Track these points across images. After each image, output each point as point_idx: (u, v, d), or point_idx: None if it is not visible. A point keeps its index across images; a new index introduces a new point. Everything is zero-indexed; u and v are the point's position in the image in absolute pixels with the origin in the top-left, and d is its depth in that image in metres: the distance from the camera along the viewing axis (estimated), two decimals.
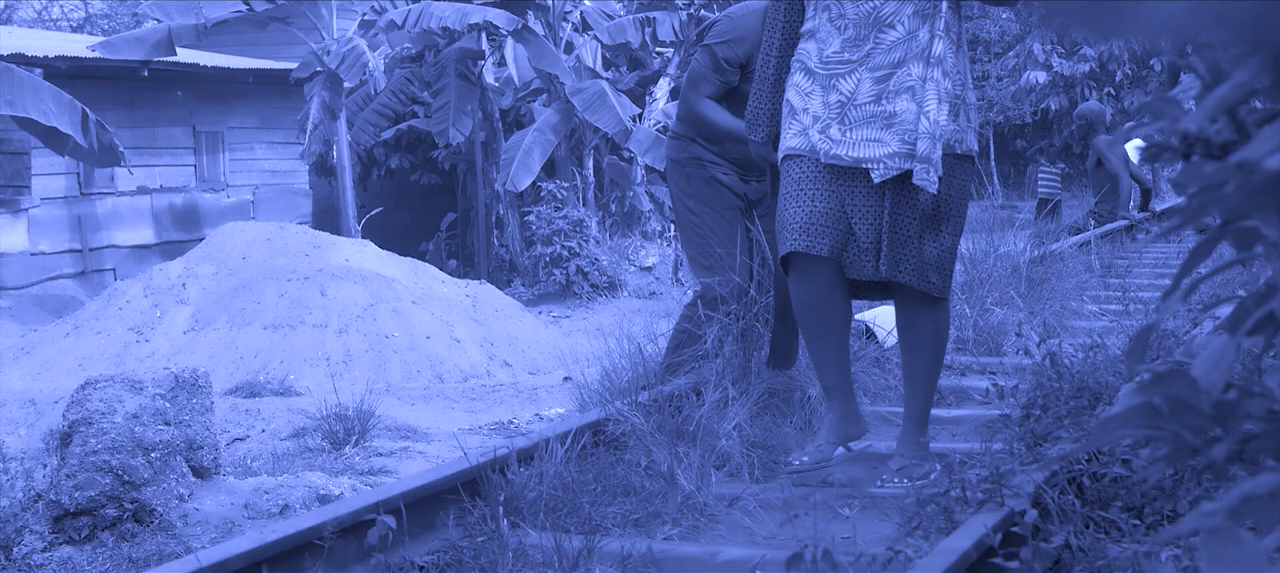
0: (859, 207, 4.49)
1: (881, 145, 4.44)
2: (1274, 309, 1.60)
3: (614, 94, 18.10)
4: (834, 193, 4.49)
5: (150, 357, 12.36)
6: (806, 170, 4.53)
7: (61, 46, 18.18)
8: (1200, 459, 1.67)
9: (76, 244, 17.80)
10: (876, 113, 4.45)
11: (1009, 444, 4.31)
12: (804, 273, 4.56)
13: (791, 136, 4.60)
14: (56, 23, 29.16)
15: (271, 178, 20.78)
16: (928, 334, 4.67)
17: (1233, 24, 1.23)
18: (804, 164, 4.54)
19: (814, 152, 4.51)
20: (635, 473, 4.47)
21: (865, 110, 4.46)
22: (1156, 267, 10.72)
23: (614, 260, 18.78)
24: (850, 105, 4.47)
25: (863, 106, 4.46)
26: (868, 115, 4.46)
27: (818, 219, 4.47)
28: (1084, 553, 3.52)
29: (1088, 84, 26.54)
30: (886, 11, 4.46)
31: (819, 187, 4.49)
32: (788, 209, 4.54)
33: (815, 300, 4.57)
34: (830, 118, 4.50)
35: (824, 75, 4.53)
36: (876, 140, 4.44)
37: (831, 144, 4.48)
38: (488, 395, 11.30)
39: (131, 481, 6.07)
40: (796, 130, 4.58)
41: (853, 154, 4.45)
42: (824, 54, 4.53)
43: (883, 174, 4.43)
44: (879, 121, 4.45)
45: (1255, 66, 1.32)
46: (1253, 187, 1.35)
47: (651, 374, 5.31)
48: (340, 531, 3.70)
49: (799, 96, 4.60)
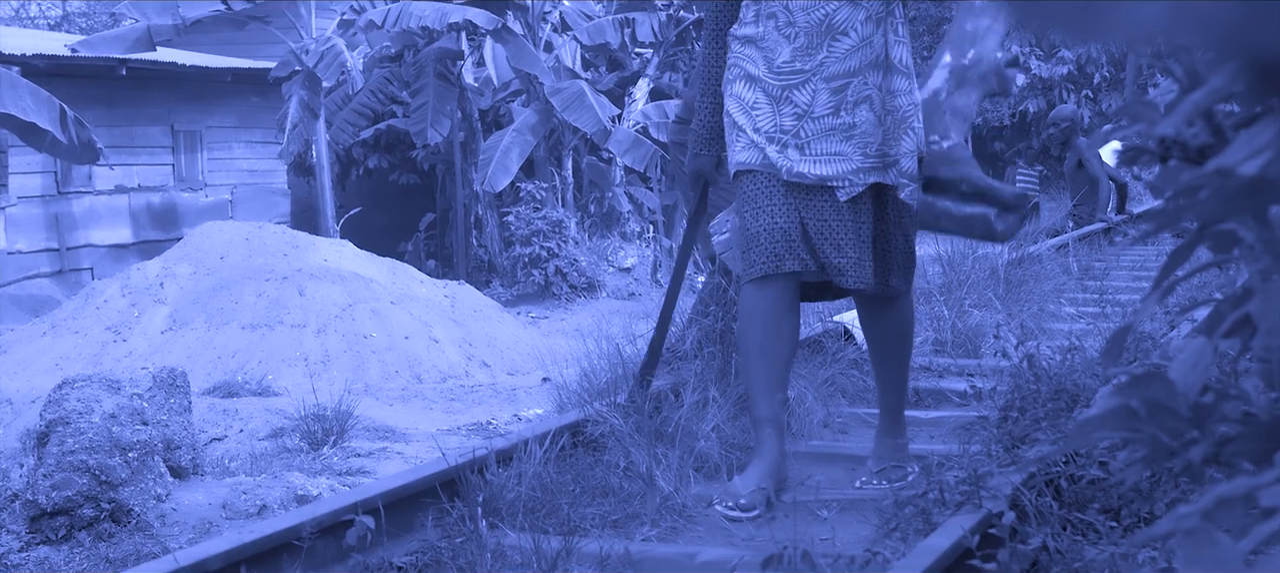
0: (817, 219, 4.34)
1: (844, 160, 4.31)
2: (1250, 312, 1.61)
3: (593, 94, 18.11)
4: (793, 207, 4.34)
5: (128, 356, 12.32)
6: (761, 185, 4.37)
7: (39, 44, 18.12)
8: (1177, 461, 1.68)
9: (54, 243, 17.73)
10: (835, 125, 4.31)
11: (987, 446, 4.32)
12: (762, 291, 4.38)
13: (740, 150, 4.42)
14: (34, 21, 29.05)
15: (250, 177, 20.73)
16: (894, 329, 4.60)
17: (1212, 27, 1.24)
18: (758, 179, 4.37)
19: (771, 166, 4.35)
20: (614, 474, 4.47)
21: (824, 123, 4.32)
22: (1134, 269, 10.76)
23: (593, 261, 18.78)
24: (807, 118, 4.33)
25: (821, 119, 4.32)
26: (826, 128, 4.32)
27: (779, 236, 4.32)
28: (1061, 555, 3.53)
29: (1066, 87, 26.62)
30: (839, 19, 4.31)
31: (776, 201, 4.34)
32: (748, 225, 4.38)
33: (769, 320, 4.37)
34: (785, 133, 4.34)
35: (775, 86, 4.36)
36: (838, 154, 4.31)
37: (791, 162, 4.32)
38: (466, 396, 11.29)
39: (109, 481, 6.06)
40: (744, 143, 4.41)
41: (816, 172, 4.31)
42: (774, 64, 4.36)
43: (849, 192, 4.31)
44: (839, 134, 4.31)
45: (1232, 71, 1.32)
46: (1229, 191, 1.36)
47: (632, 375, 5.29)
48: (319, 531, 3.69)
49: (742, 110, 4.42)
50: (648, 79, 20.04)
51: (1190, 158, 1.59)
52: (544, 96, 18.33)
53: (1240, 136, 1.32)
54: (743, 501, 4.25)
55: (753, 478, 4.31)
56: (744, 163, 4.41)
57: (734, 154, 4.45)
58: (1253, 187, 1.32)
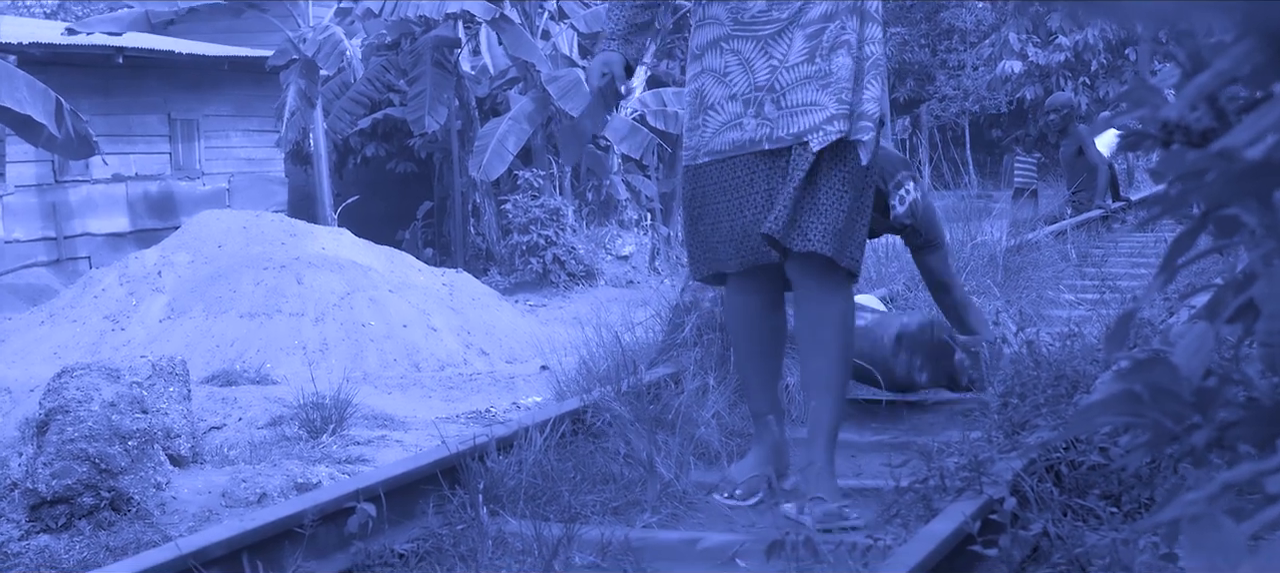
0: (780, 183, 4.07)
1: (819, 110, 4.02)
2: (1253, 297, 1.61)
3: None
4: (768, 186, 4.08)
5: (126, 345, 12.32)
6: (741, 173, 4.11)
7: (35, 33, 18.08)
8: (1179, 446, 1.68)
9: (51, 232, 17.72)
10: (810, 73, 4.03)
11: (987, 432, 4.32)
12: (742, 287, 4.25)
13: (711, 134, 4.15)
14: (29, 9, 29.00)
15: (247, 166, 20.72)
16: (818, 313, 4.17)
17: (1226, 7, 1.24)
18: (735, 166, 4.12)
19: (753, 144, 4.08)
20: (614, 461, 4.47)
21: (798, 71, 4.04)
22: (1133, 256, 10.76)
23: (590, 249, 18.78)
24: (781, 69, 4.06)
25: (795, 67, 4.04)
26: (802, 77, 4.04)
27: (752, 229, 4.10)
28: (1062, 540, 3.54)
29: (1063, 74, 26.62)
30: None
31: (758, 187, 4.09)
32: (723, 222, 4.15)
33: (755, 315, 4.27)
34: (760, 90, 4.07)
35: (750, 40, 4.08)
36: (813, 104, 4.03)
37: (769, 126, 4.06)
38: (465, 384, 11.30)
39: (108, 469, 6.06)
40: (717, 125, 4.14)
41: (792, 130, 4.03)
42: (745, 14, 4.08)
43: (822, 141, 4.01)
44: (815, 83, 4.03)
45: (1245, 50, 1.32)
46: (1233, 175, 1.36)
47: (631, 362, 5.27)
48: (320, 518, 3.69)
49: (716, 81, 4.14)
50: (645, 67, 20.02)
51: (1193, 142, 1.59)
52: (541, 84, 18.32)
53: (1246, 119, 1.32)
54: (739, 490, 4.24)
55: (751, 465, 4.31)
56: (719, 150, 4.14)
57: (706, 140, 4.16)
58: (1257, 170, 1.32)
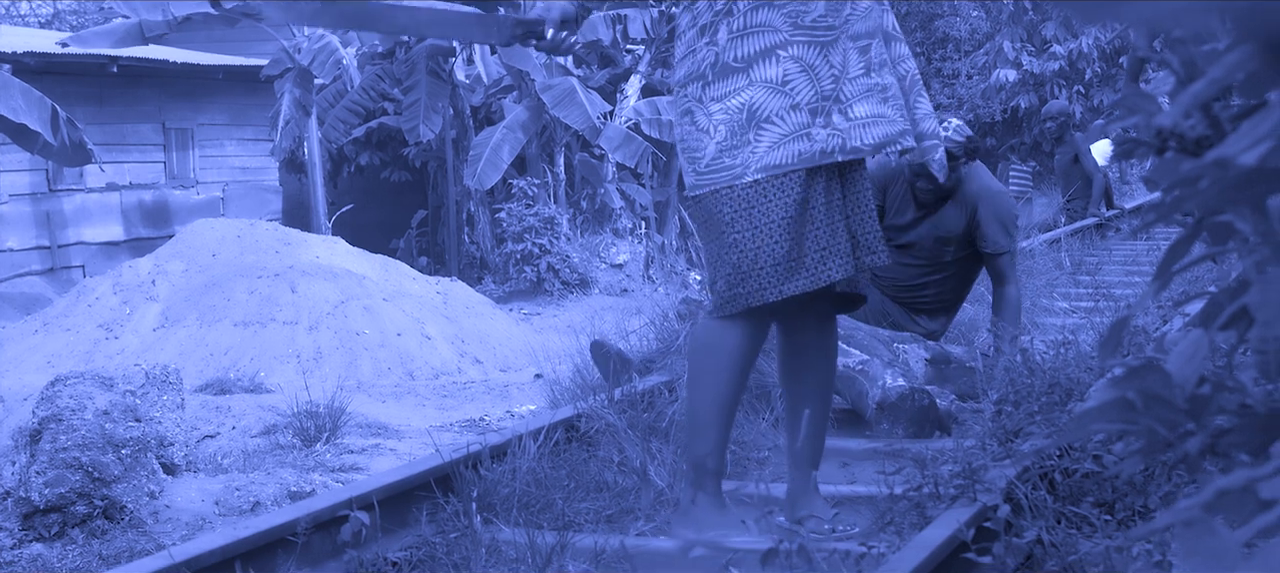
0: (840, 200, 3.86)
1: (890, 123, 3.83)
2: (1247, 304, 1.61)
3: (584, 91, 18.10)
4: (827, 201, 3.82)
5: (120, 354, 12.30)
6: (819, 187, 3.81)
7: (30, 42, 18.08)
8: (1173, 453, 1.68)
9: (45, 241, 17.70)
10: (871, 86, 3.82)
11: (981, 440, 4.33)
12: (760, 321, 3.92)
13: (766, 149, 3.76)
14: (24, 18, 28.98)
15: (241, 175, 20.71)
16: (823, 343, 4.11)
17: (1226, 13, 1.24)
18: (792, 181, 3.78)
19: (824, 155, 3.77)
20: (608, 469, 4.48)
21: (859, 84, 3.81)
22: (1126, 264, 10.78)
23: (585, 258, 18.77)
24: (844, 80, 3.79)
25: (856, 80, 3.81)
26: (863, 89, 3.81)
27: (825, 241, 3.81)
28: (1056, 548, 3.54)
29: (1057, 82, 26.63)
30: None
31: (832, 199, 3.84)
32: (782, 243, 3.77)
33: (750, 359, 3.96)
34: (827, 99, 3.77)
35: (812, 47, 3.77)
36: (882, 116, 3.82)
37: (842, 136, 3.78)
38: (459, 392, 11.28)
39: (102, 477, 6.05)
40: (775, 138, 3.76)
41: (870, 140, 3.80)
42: (806, 18, 3.77)
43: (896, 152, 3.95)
44: (876, 95, 3.82)
45: (1239, 57, 1.33)
46: (1228, 182, 1.36)
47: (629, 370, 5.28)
48: (314, 527, 3.70)
49: (771, 92, 3.76)
50: (639, 76, 20.01)
51: (1188, 149, 1.59)
52: (535, 93, 18.32)
53: (1242, 126, 1.32)
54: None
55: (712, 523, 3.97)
56: (777, 164, 3.77)
57: (766, 156, 3.77)
58: (1252, 177, 1.32)
